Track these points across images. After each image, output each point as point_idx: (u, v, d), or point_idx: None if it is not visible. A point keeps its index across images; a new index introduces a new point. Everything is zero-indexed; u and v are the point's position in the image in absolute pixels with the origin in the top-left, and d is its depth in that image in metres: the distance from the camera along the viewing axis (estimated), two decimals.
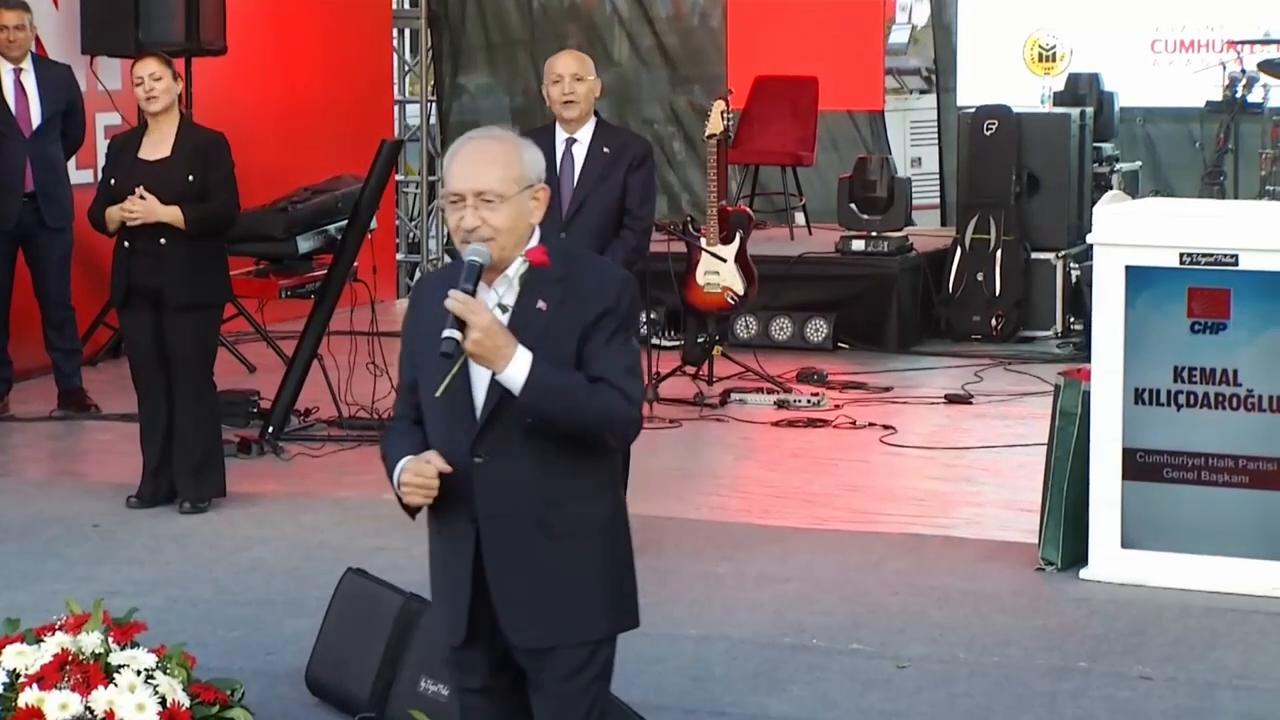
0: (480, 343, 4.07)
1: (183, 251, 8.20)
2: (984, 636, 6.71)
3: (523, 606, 4.24)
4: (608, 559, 4.32)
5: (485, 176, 4.17)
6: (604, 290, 4.22)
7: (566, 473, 4.22)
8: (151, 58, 8.37)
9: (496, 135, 4.29)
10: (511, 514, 4.22)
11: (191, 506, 8.34)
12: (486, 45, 15.96)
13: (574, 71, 7.60)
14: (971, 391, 10.90)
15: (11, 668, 5.60)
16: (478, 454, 4.20)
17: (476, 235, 4.16)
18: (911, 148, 16.26)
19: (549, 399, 4.12)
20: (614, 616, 4.35)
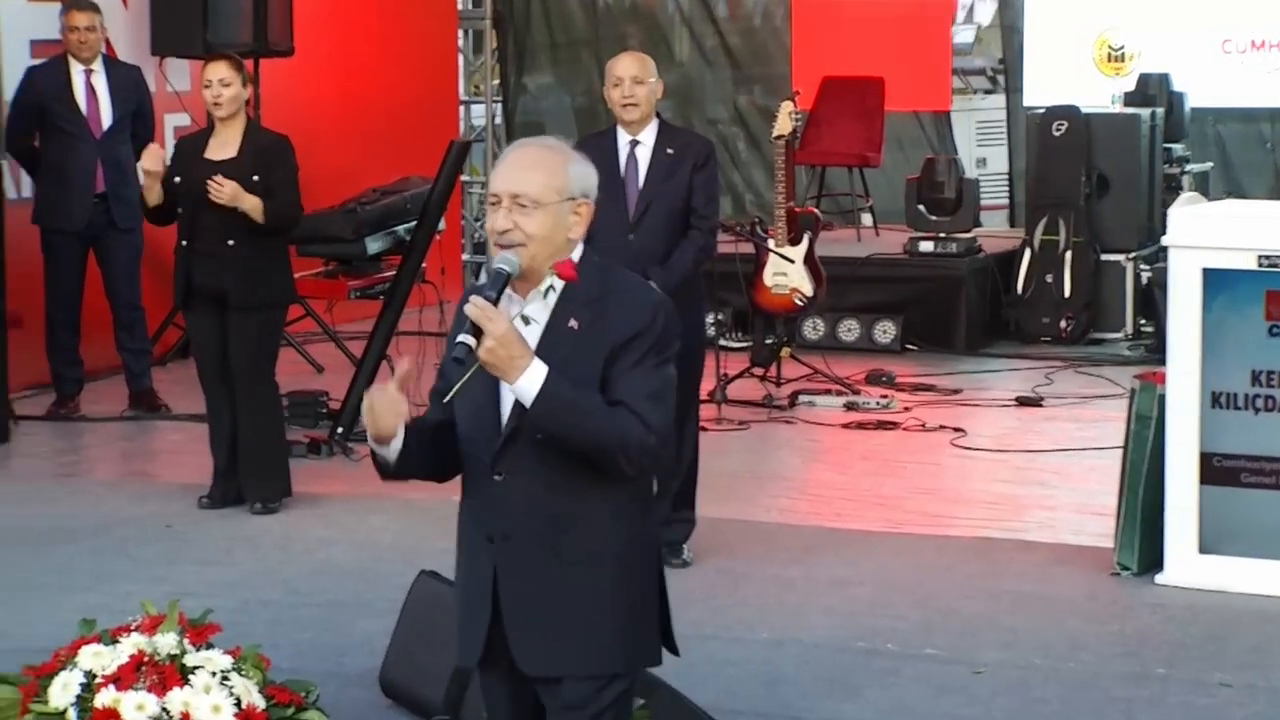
0: (494, 351, 3.95)
1: (245, 252, 8.22)
2: (1059, 642, 6.66)
3: (531, 631, 4.11)
4: (622, 590, 4.12)
5: (524, 181, 4.09)
6: (636, 313, 4.08)
7: (581, 496, 4.08)
8: (223, 61, 8.38)
9: (548, 144, 4.21)
10: (524, 534, 4.10)
11: (263, 507, 8.36)
12: (551, 45, 15.96)
13: (634, 74, 7.58)
14: (1042, 394, 10.83)
15: (88, 668, 5.61)
16: (498, 471, 4.10)
17: (507, 239, 4.06)
18: (977, 148, 16.17)
19: (559, 415, 4.00)
20: (626, 652, 4.15)
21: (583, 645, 4.10)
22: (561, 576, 4.09)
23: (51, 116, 10.10)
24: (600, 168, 7.33)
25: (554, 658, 4.11)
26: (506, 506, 4.10)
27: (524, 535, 4.09)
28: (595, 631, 4.10)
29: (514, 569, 4.11)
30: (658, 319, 4.09)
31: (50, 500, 8.61)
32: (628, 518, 4.15)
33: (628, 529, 4.14)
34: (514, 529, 4.10)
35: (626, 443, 4.01)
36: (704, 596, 7.19)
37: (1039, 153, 12.70)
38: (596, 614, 4.10)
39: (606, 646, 4.12)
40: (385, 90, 13.68)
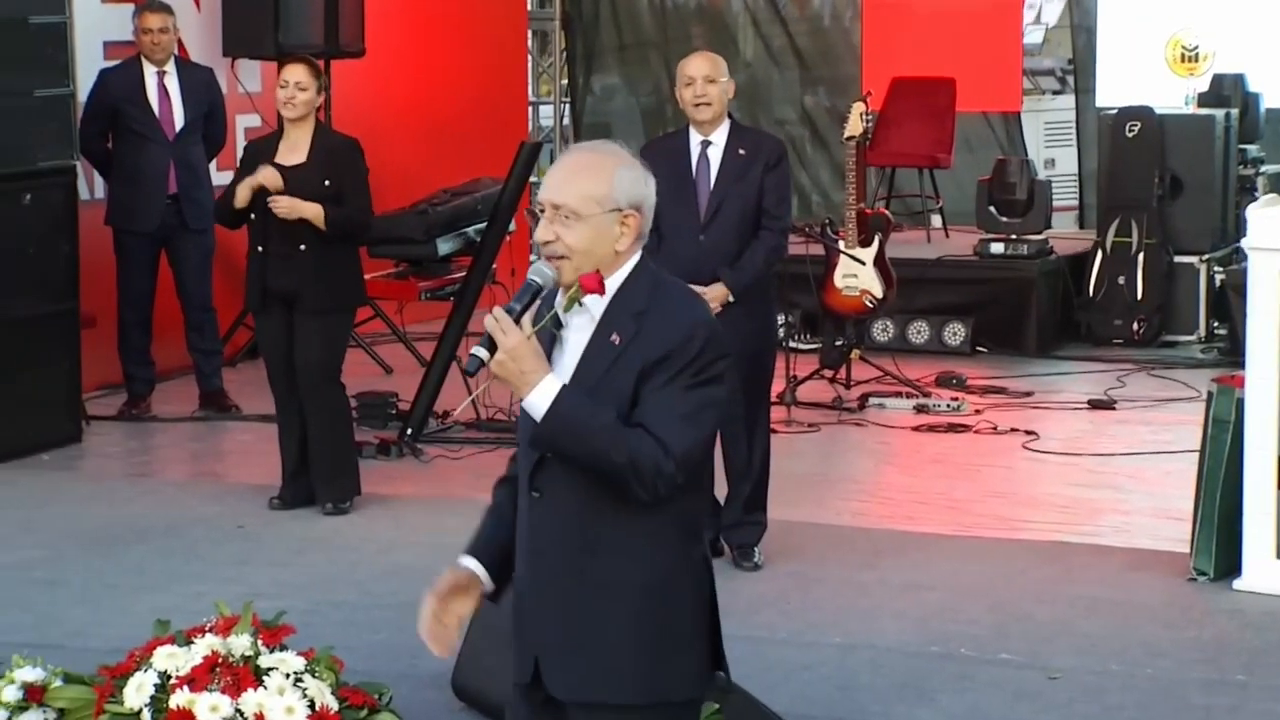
0: (503, 364, 3.83)
1: (317, 257, 8.23)
2: (1135, 648, 6.60)
3: (554, 653, 4.00)
4: (648, 619, 3.94)
5: (566, 191, 3.92)
6: (672, 331, 3.90)
7: (613, 519, 3.93)
8: (301, 64, 8.40)
9: (599, 150, 4.02)
10: (555, 554, 3.97)
11: (333, 508, 8.38)
12: (619, 46, 15.96)
13: (706, 74, 7.54)
14: (1114, 397, 10.75)
15: (163, 669, 5.63)
16: (535, 488, 3.99)
17: (550, 250, 3.92)
18: (1046, 149, 16.08)
19: (566, 433, 3.86)
20: (648, 683, 3.95)
21: (602, 671, 3.96)
22: (585, 600, 3.96)
23: (124, 118, 10.14)
24: (671, 168, 7.48)
25: (574, 681, 3.99)
26: (541, 524, 4.00)
27: (554, 554, 3.98)
28: (615, 659, 3.95)
29: (539, 588, 4.02)
30: (694, 339, 3.90)
31: (122, 500, 8.64)
32: (664, 545, 3.96)
33: (663, 556, 3.96)
34: (546, 547, 3.99)
35: (639, 466, 3.83)
36: (776, 599, 7.16)
37: (1112, 154, 12.61)
38: (617, 642, 3.95)
39: (627, 675, 3.95)
40: (455, 91, 13.70)
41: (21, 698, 5.85)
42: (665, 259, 7.47)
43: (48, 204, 9.54)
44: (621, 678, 3.95)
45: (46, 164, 9.54)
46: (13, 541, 7.94)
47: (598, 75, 15.97)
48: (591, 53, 15.86)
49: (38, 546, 7.86)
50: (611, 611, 3.94)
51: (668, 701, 3.97)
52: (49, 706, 5.86)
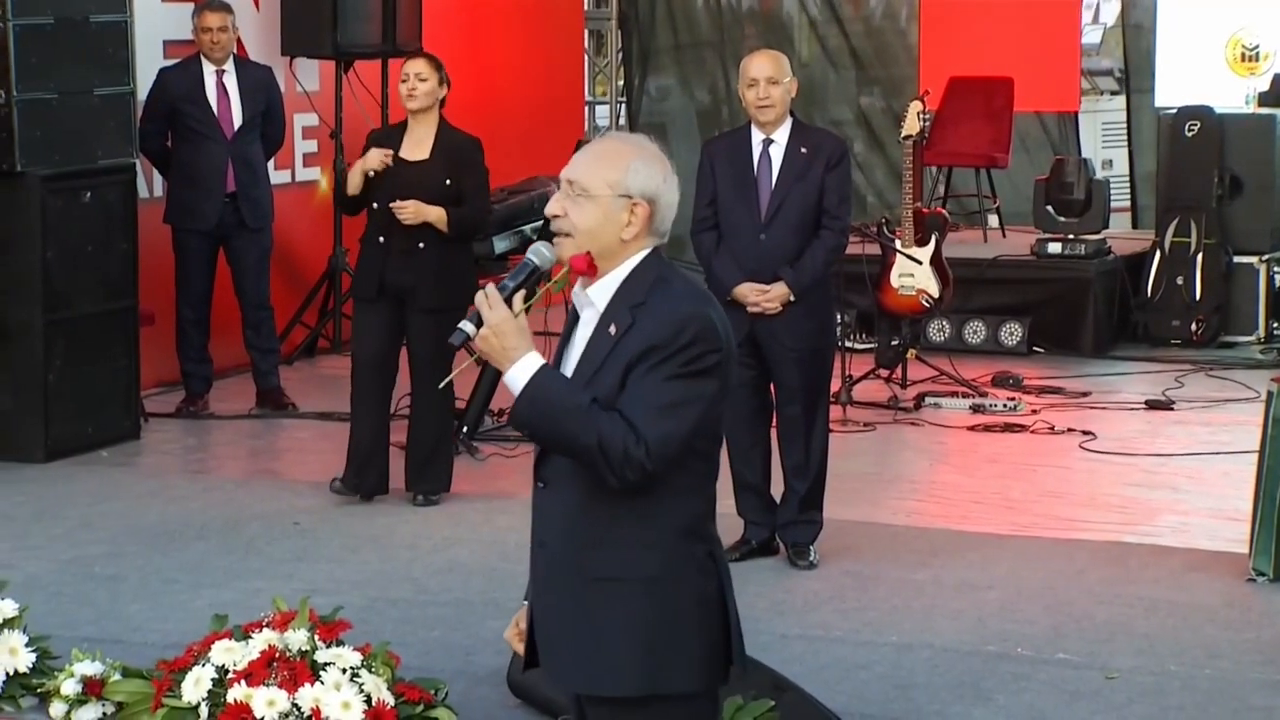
0: (487, 339, 3.87)
1: (436, 255, 8.30)
2: (1194, 648, 6.57)
3: (555, 644, 4.03)
4: (646, 614, 3.93)
5: (580, 169, 3.95)
6: (659, 326, 3.88)
7: (612, 514, 3.92)
8: (421, 58, 8.54)
9: (626, 140, 4.05)
10: (554, 545, 4.00)
11: (425, 499, 8.45)
12: (675, 46, 15.95)
13: (769, 74, 7.53)
14: (1172, 397, 10.69)
15: (220, 664, 5.67)
16: (540, 478, 4.01)
17: (556, 225, 3.96)
18: (1104, 149, 16.01)
19: (538, 411, 3.86)
20: (642, 677, 3.94)
21: (601, 664, 3.96)
22: (583, 592, 3.96)
23: (183, 117, 10.19)
24: (733, 166, 7.50)
25: (572, 673, 4.02)
26: (546, 515, 4.02)
27: (556, 545, 3.99)
28: (614, 652, 3.94)
29: (543, 579, 4.04)
30: (684, 331, 3.88)
31: (180, 497, 8.68)
32: (663, 542, 3.94)
33: (661, 553, 3.94)
34: (548, 538, 4.01)
35: (606, 449, 3.81)
36: (832, 598, 7.15)
37: (1171, 153, 12.56)
38: (617, 634, 3.94)
39: (621, 668, 3.94)
40: (512, 91, 13.72)
41: (81, 691, 5.92)
42: (725, 256, 7.54)
43: (107, 202, 9.58)
44: (615, 671, 3.95)
45: (106, 162, 9.58)
46: (73, 537, 7.99)
47: (653, 75, 15.97)
48: (647, 52, 15.85)
49: (97, 542, 7.90)
50: (608, 605, 3.94)
51: (662, 695, 3.95)
52: (107, 700, 5.92)
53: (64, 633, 6.44)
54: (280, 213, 10.68)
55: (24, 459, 9.20)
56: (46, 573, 7.45)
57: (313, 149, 12.05)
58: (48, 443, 9.28)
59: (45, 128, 9.24)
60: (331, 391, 10.27)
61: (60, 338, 9.34)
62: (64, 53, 9.35)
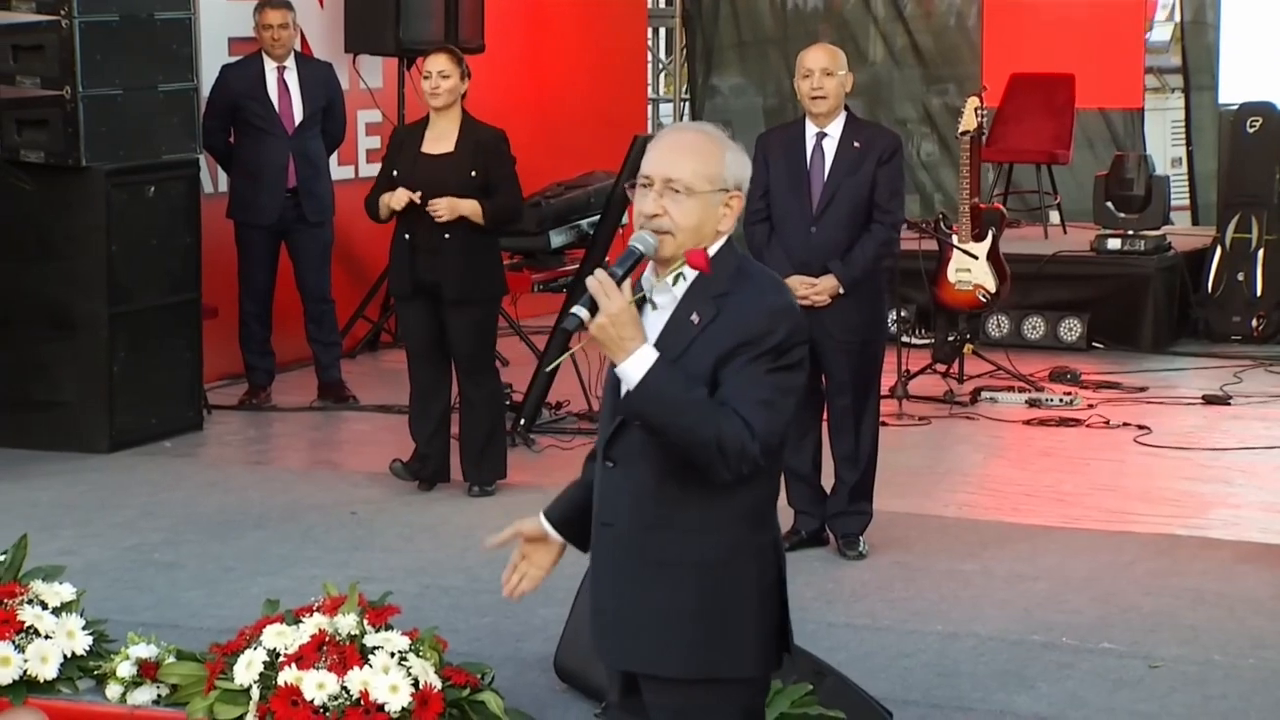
0: (604, 328, 3.83)
1: (460, 247, 8.36)
2: (1240, 639, 6.58)
3: (611, 624, 4.08)
4: (701, 599, 3.98)
5: (678, 166, 3.94)
6: (750, 320, 3.91)
7: (683, 496, 3.96)
8: (443, 54, 8.54)
9: (705, 130, 4.07)
10: (619, 526, 4.03)
11: (480, 490, 8.54)
12: (739, 44, 15.99)
13: (824, 66, 7.57)
14: (1230, 392, 10.69)
15: (272, 647, 5.75)
16: (609, 458, 4.04)
17: (655, 224, 3.92)
18: (1172, 147, 15.97)
19: (657, 404, 3.86)
20: (698, 660, 4.00)
21: (653, 645, 4.01)
22: (646, 573, 4.00)
23: (245, 113, 10.32)
24: (786, 159, 7.55)
25: (626, 652, 4.07)
26: (611, 495, 4.05)
27: (620, 526, 4.03)
28: (667, 633, 4.00)
29: (604, 559, 4.09)
30: (778, 326, 3.93)
31: (240, 487, 8.80)
32: (727, 527, 3.99)
33: (725, 538, 3.99)
34: (612, 519, 4.04)
35: (724, 444, 3.84)
36: (880, 588, 7.20)
37: (1232, 150, 12.55)
38: (670, 616, 3.99)
39: (676, 650, 3.99)
40: (574, 88, 13.81)
41: (136, 673, 6.02)
42: (776, 249, 7.58)
43: (171, 197, 9.71)
44: (671, 652, 3.99)
45: (170, 157, 9.70)
46: (135, 525, 8.11)
47: (717, 73, 16.01)
48: (711, 50, 15.90)
49: (158, 530, 8.02)
50: (667, 587, 3.98)
51: (717, 679, 4.00)
52: (162, 682, 6.02)
53: (122, 617, 6.55)
54: (343, 208, 10.79)
55: (89, 449, 9.34)
56: (107, 559, 7.57)
57: (375, 145, 12.16)
58: (112, 433, 9.42)
59: (110, 123, 9.37)
60: (393, 385, 10.36)
61: (124, 331, 9.48)
62: (129, 49, 9.48)
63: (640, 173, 4.00)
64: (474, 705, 5.74)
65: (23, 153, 9.34)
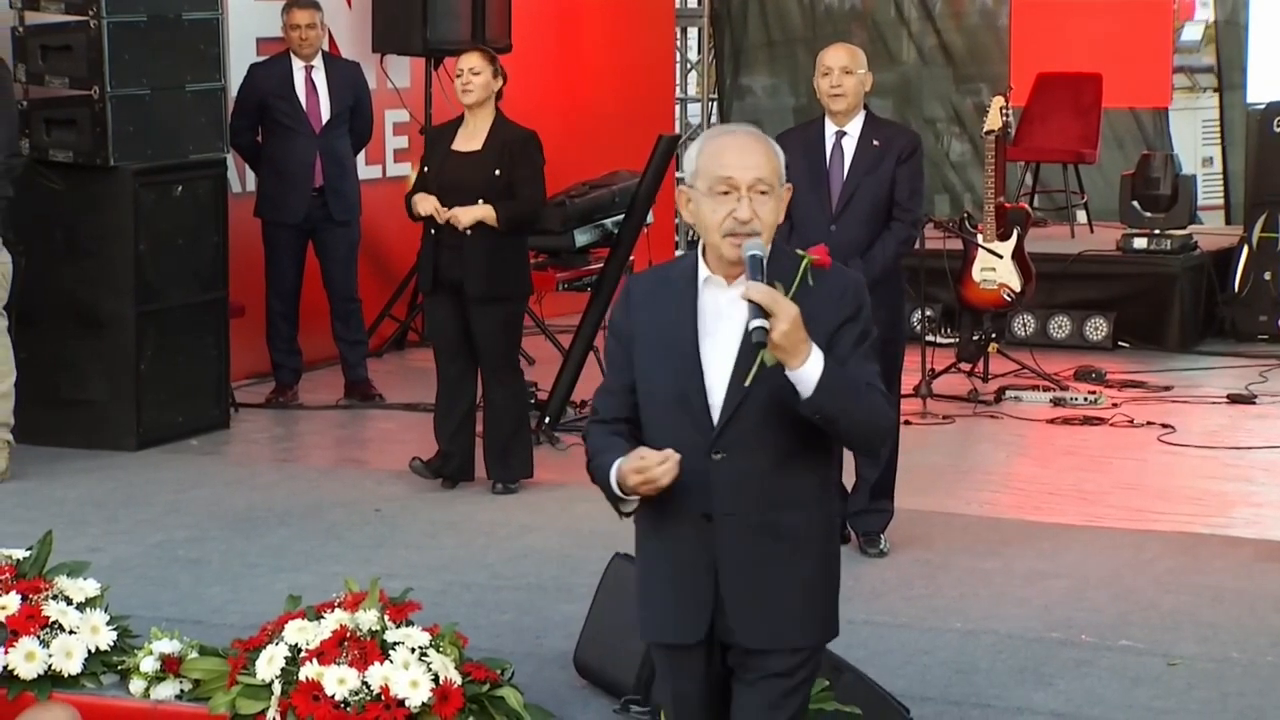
0: (788, 335, 3.98)
1: (483, 245, 8.39)
2: (1259, 636, 6.59)
3: (748, 606, 4.23)
4: (822, 568, 4.30)
5: (761, 167, 4.13)
6: (845, 297, 4.17)
7: (795, 476, 4.21)
8: (475, 52, 8.60)
9: (754, 130, 4.26)
10: (743, 513, 4.20)
11: (503, 488, 8.59)
12: (768, 44, 16.01)
13: (843, 64, 7.59)
14: (1255, 391, 10.69)
15: (293, 643, 5.80)
16: (717, 451, 4.18)
17: (749, 227, 4.09)
18: (1203, 146, 15.96)
19: (838, 396, 4.07)
20: (823, 626, 4.35)
21: (793, 619, 4.25)
22: (775, 554, 4.21)
23: (272, 112, 10.37)
24: (806, 158, 7.56)
25: (767, 631, 4.24)
26: (726, 484, 4.18)
27: (742, 513, 4.19)
28: (803, 606, 4.26)
29: (732, 546, 4.22)
30: (863, 301, 4.20)
31: (265, 484, 8.84)
32: (829, 498, 4.31)
33: (828, 509, 4.31)
34: (733, 507, 4.19)
35: (880, 421, 4.18)
36: (899, 586, 7.22)
37: (1259, 149, 12.53)
38: (804, 589, 4.25)
39: (813, 620, 4.29)
40: (603, 88, 13.84)
41: (159, 668, 6.07)
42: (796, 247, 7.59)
43: (199, 196, 9.76)
44: (803, 623, 4.28)
45: (198, 157, 9.74)
46: (161, 522, 8.16)
47: (746, 73, 16.04)
48: (739, 50, 15.93)
49: (183, 527, 8.07)
50: (796, 562, 4.23)
51: (826, 643, 4.39)
52: (184, 677, 6.06)
53: (147, 613, 6.60)
54: (371, 207, 10.85)
55: (116, 447, 9.39)
56: (133, 555, 7.62)
57: (403, 145, 12.22)
58: (139, 431, 9.47)
59: (138, 123, 9.42)
60: (419, 383, 10.41)
61: (152, 329, 9.53)
62: (157, 49, 9.52)
63: (719, 177, 4.14)
64: (494, 701, 5.77)
65: (51, 152, 9.40)
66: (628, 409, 4.32)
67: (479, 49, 8.71)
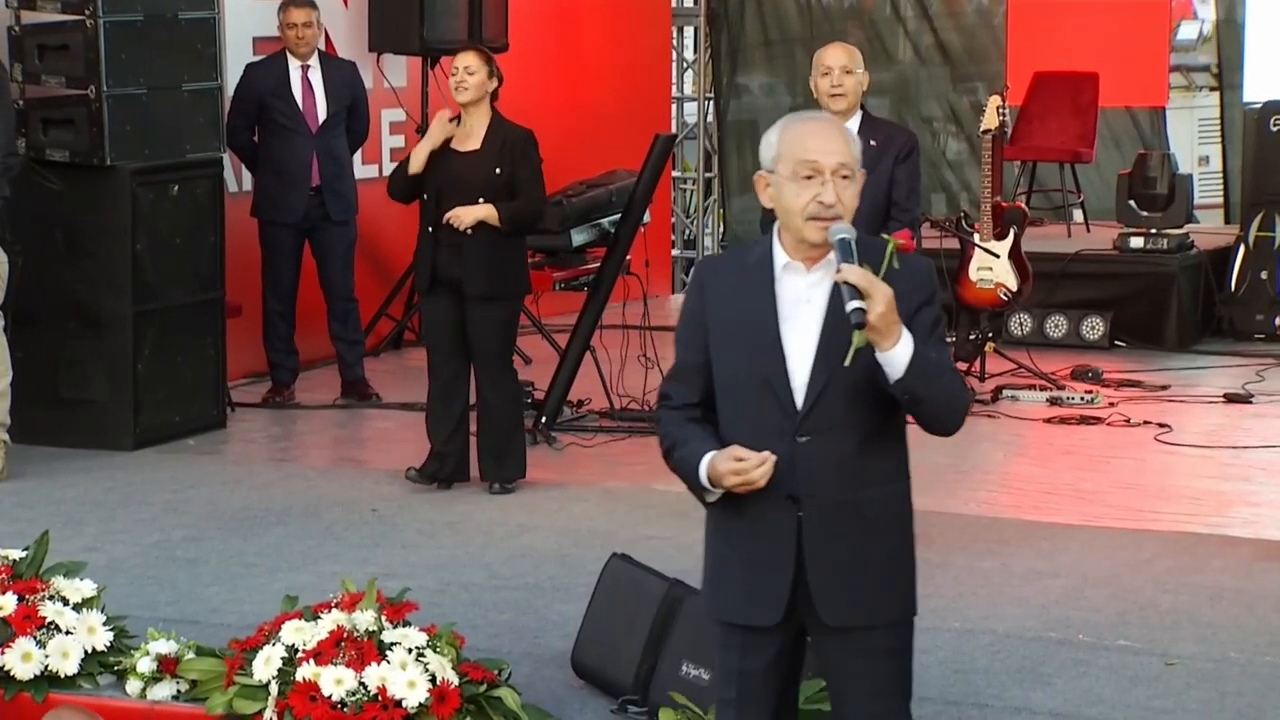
0: (884, 316, 4.08)
1: (483, 244, 8.39)
2: (1257, 636, 6.59)
3: (837, 585, 4.32)
4: (903, 544, 4.42)
5: (845, 151, 4.24)
6: (919, 281, 4.28)
7: (876, 456, 4.30)
8: (471, 51, 8.61)
9: (833, 118, 4.42)
10: (830, 493, 4.29)
11: (501, 488, 8.57)
12: (765, 43, 15.99)
13: (843, 64, 7.59)
14: (1252, 391, 10.69)
15: (290, 643, 5.79)
16: (802, 433, 4.26)
17: (833, 211, 4.19)
18: (1199, 145, 15.97)
19: (928, 376, 4.18)
20: (905, 601, 4.45)
21: (886, 594, 4.37)
22: (862, 532, 4.30)
23: (269, 111, 10.36)
24: None
25: (856, 608, 4.33)
26: (812, 466, 4.27)
27: (829, 493, 4.27)
28: (889, 581, 4.37)
29: (819, 527, 4.30)
30: (935, 285, 4.33)
31: (263, 484, 8.84)
32: (905, 475, 4.41)
33: (906, 485, 4.41)
34: (819, 489, 4.27)
35: (964, 398, 4.33)
36: None
37: (1256, 148, 12.53)
38: (889, 565, 4.37)
39: (902, 594, 4.41)
40: (600, 87, 13.84)
41: (156, 669, 6.06)
42: None
43: (195, 195, 9.75)
44: (890, 598, 4.39)
45: (195, 156, 9.73)
46: (158, 522, 8.15)
47: (744, 73, 16.02)
48: (736, 49, 15.91)
49: (180, 527, 8.06)
50: (887, 538, 4.36)
51: (909, 617, 4.46)
52: (181, 677, 6.06)
53: (144, 613, 6.60)
54: (367, 206, 10.84)
55: (113, 446, 9.37)
56: (130, 555, 7.62)
57: (400, 144, 12.20)
58: (136, 431, 9.46)
59: (135, 122, 9.41)
60: (416, 383, 10.37)
61: (149, 328, 9.52)
62: (153, 49, 9.52)
63: (803, 160, 4.22)
64: (491, 701, 5.77)
65: (48, 152, 9.39)
66: (700, 393, 4.40)
67: (475, 48, 8.71)
